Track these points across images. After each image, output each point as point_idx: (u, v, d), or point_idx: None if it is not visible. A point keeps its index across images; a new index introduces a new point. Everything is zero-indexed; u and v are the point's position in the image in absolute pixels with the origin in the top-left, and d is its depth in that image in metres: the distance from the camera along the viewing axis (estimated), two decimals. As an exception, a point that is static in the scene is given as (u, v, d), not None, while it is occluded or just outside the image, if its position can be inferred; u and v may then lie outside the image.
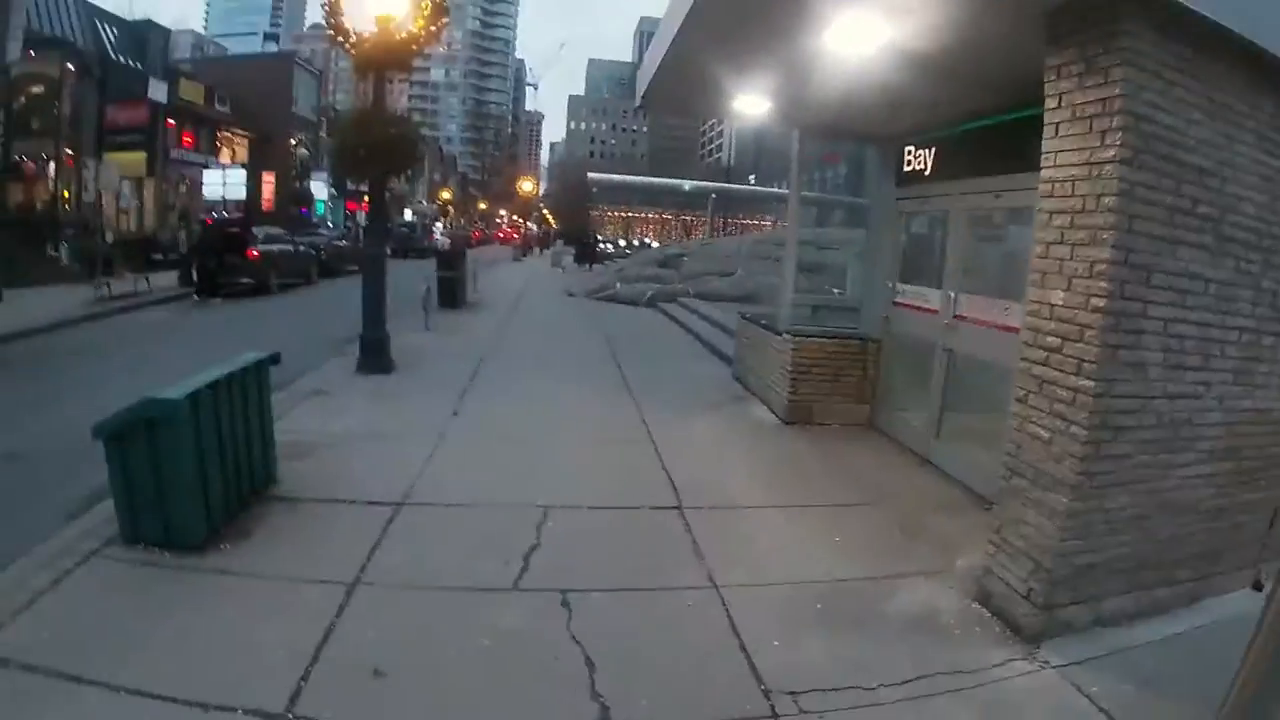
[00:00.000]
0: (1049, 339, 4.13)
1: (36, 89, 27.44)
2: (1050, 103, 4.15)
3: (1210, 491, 4.39)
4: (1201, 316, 4.10)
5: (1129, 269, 3.82)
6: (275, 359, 5.84)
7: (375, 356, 10.18)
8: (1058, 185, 4.09)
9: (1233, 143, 4.04)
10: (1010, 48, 4.78)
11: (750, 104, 7.67)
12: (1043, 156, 4.19)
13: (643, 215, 61.11)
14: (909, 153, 7.83)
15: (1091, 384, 3.86)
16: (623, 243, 53.56)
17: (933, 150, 7.43)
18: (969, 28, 4.72)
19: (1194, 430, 4.21)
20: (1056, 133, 4.11)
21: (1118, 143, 3.73)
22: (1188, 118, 3.89)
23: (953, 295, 6.88)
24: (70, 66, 28.72)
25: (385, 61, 10.11)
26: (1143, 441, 4.06)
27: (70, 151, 28.35)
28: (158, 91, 32.90)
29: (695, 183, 60.74)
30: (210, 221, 20.72)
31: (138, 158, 31.36)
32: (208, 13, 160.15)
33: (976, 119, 6.61)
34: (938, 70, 5.67)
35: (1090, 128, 3.87)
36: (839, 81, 6.30)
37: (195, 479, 4.65)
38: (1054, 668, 3.86)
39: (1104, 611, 4.21)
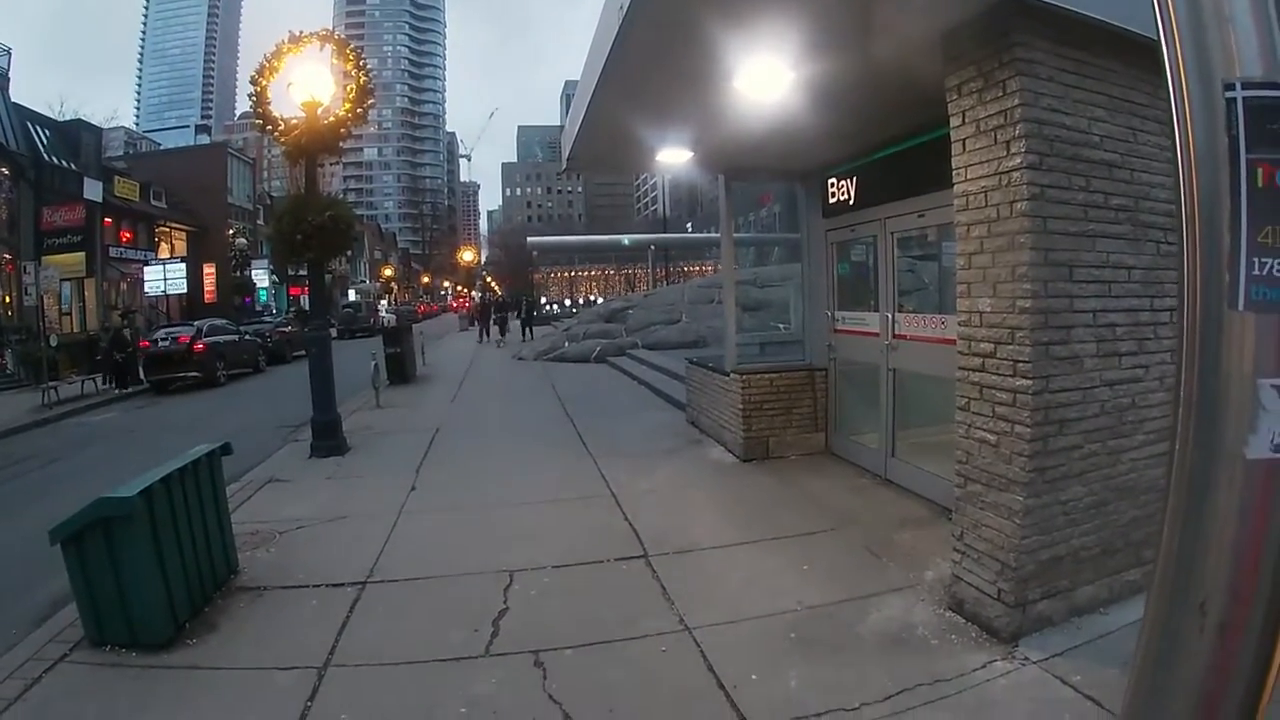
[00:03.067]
0: (982, 345, 4.20)
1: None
2: (954, 120, 4.28)
3: (1166, 469, 4.43)
4: (1129, 303, 4.19)
5: (1050, 268, 3.92)
6: (226, 449, 5.78)
7: (328, 439, 9.99)
8: (971, 198, 4.21)
9: (1137, 133, 4.16)
10: (911, 73, 4.94)
11: (673, 155, 7.81)
12: (954, 172, 4.31)
13: (586, 273, 61.49)
14: (832, 184, 8.01)
15: (1029, 383, 3.93)
16: (568, 302, 53.76)
17: (854, 179, 7.61)
18: (867, 59, 4.86)
19: (1139, 413, 4.27)
20: (964, 148, 4.24)
21: (1022, 150, 3.85)
22: (1089, 116, 4.02)
23: (890, 316, 7.00)
24: (4, 170, 28.32)
25: (315, 146, 10.12)
26: (1088, 431, 4.12)
27: (8, 255, 27.81)
28: (93, 191, 32.55)
29: (634, 236, 61.31)
30: (160, 354, 20.13)
31: (77, 258, 30.84)
32: (138, 108, 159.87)
33: (892, 144, 6.79)
34: (845, 103, 5.85)
35: (995, 139, 4.00)
36: (753, 124, 6.46)
37: (156, 576, 4.53)
38: (1034, 663, 3.85)
39: (1078, 601, 4.23)
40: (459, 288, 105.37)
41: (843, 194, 7.84)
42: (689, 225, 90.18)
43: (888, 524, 6.06)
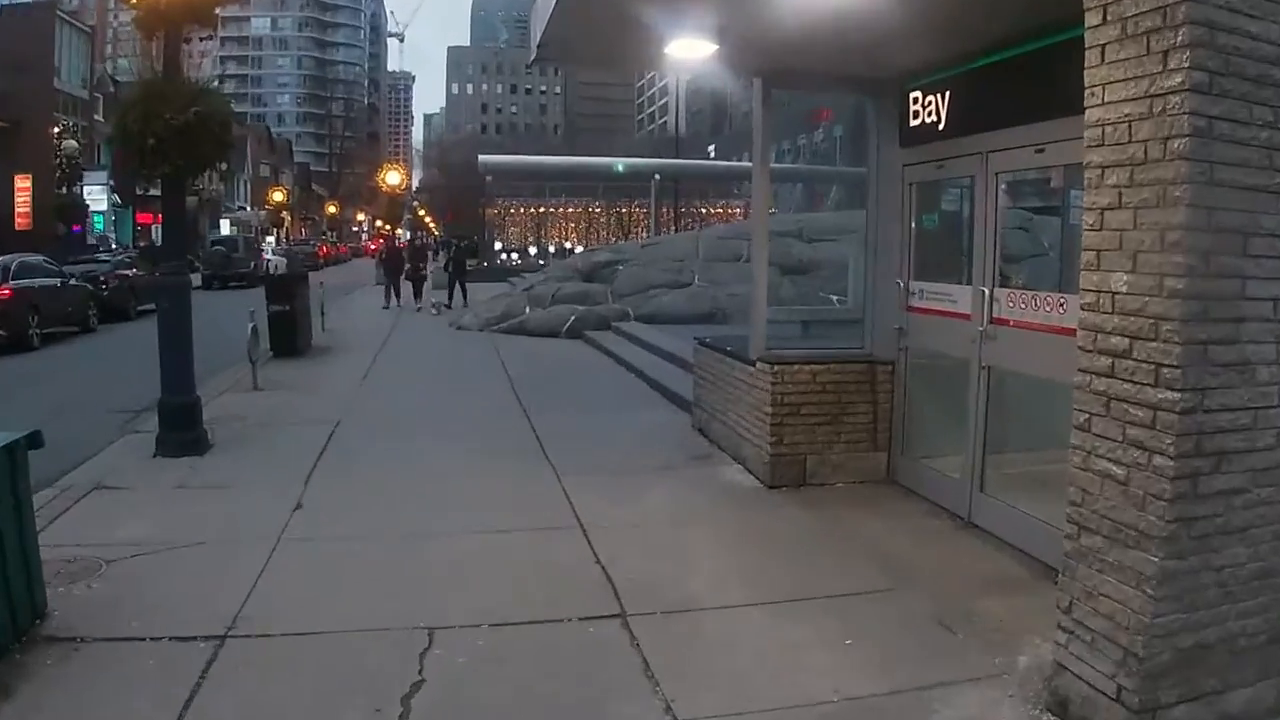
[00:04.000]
0: (1113, 340, 4.19)
1: None
2: (1091, 17, 4.24)
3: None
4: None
5: (1215, 235, 3.90)
6: (34, 441, 5.71)
7: (181, 430, 9.97)
8: (1109, 129, 4.19)
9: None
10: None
11: (689, 47, 7.79)
12: (1086, 92, 4.28)
13: (560, 209, 61.01)
14: (915, 100, 8.00)
15: (1176, 396, 3.91)
16: (533, 250, 53.65)
17: (946, 94, 7.60)
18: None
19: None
20: (1102, 57, 4.21)
21: (1186, 65, 3.82)
22: (1286, 20, 3.98)
23: (987, 292, 7.00)
24: None
25: (179, 12, 10.04)
26: (1259, 470, 4.10)
27: None
28: None
29: (632, 160, 60.98)
30: None
31: None
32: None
33: (1003, 47, 6.77)
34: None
35: (1147, 47, 3.96)
36: (806, 5, 6.41)
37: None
38: (1163, 796, 3.88)
39: (1230, 709, 4.21)
40: (379, 223, 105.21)
41: (929, 114, 7.82)
42: (711, 149, 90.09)
43: (968, 586, 6.09)
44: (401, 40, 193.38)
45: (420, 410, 12.60)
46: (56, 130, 47.47)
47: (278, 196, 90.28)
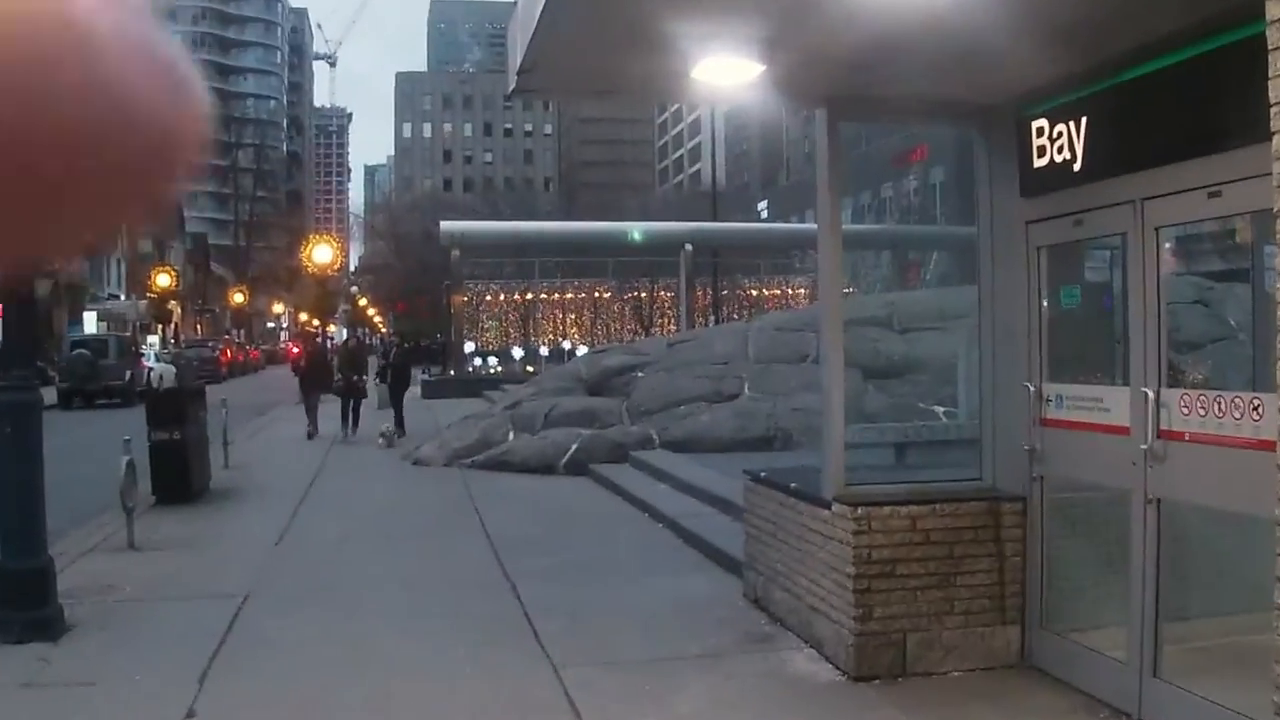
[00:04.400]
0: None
1: None
2: (1275, 7, 4.31)
3: None
4: None
5: None
6: None
7: (26, 608, 9.94)
8: (1305, 161, 4.23)
9: None
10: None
11: (724, 69, 7.89)
12: (1272, 110, 4.33)
13: (555, 296, 61.25)
14: (1039, 131, 8.08)
15: None
16: (518, 352, 53.84)
17: (1083, 121, 7.65)
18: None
19: None
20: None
21: None
22: None
23: (1151, 395, 6.97)
24: None
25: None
26: None
27: None
28: None
29: (653, 225, 61.19)
30: None
31: None
32: None
33: (1153, 56, 6.84)
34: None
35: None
36: (886, 8, 6.53)
37: None
38: None
39: None
40: (305, 320, 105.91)
41: (1060, 151, 7.88)
42: (761, 208, 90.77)
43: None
44: (333, 64, 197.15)
45: (361, 579, 12.50)
46: None
47: (163, 280, 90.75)
